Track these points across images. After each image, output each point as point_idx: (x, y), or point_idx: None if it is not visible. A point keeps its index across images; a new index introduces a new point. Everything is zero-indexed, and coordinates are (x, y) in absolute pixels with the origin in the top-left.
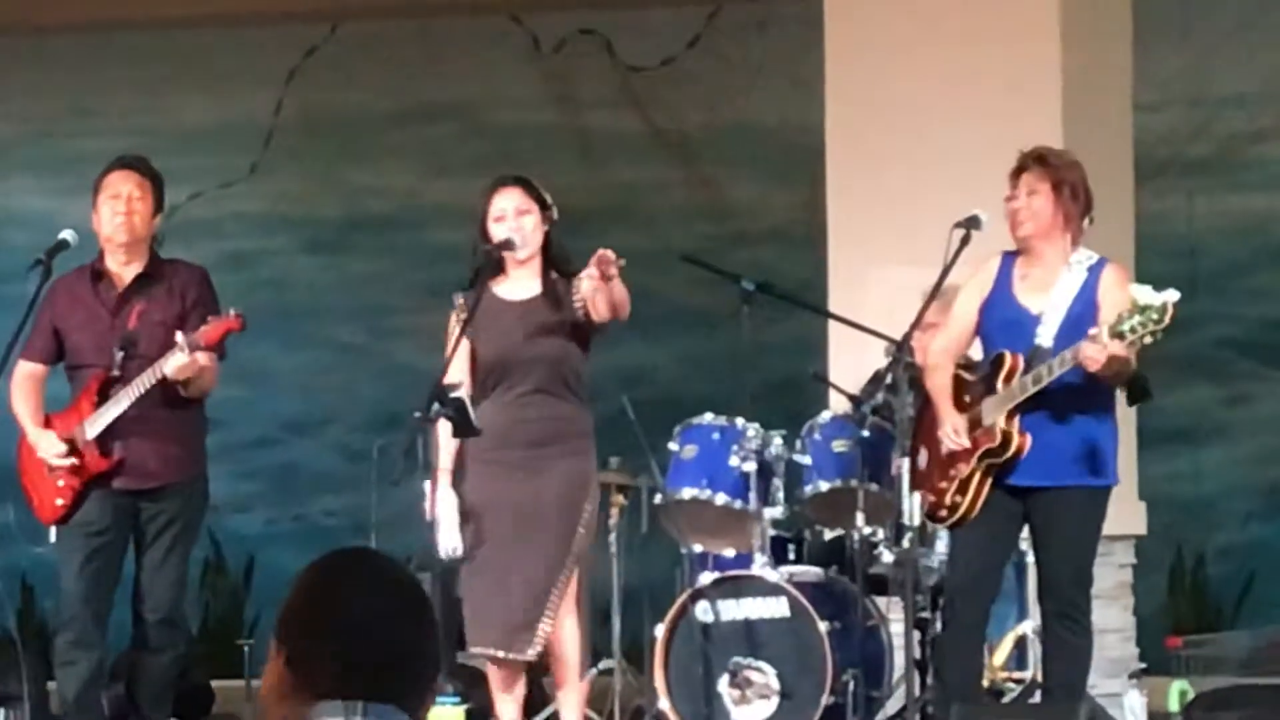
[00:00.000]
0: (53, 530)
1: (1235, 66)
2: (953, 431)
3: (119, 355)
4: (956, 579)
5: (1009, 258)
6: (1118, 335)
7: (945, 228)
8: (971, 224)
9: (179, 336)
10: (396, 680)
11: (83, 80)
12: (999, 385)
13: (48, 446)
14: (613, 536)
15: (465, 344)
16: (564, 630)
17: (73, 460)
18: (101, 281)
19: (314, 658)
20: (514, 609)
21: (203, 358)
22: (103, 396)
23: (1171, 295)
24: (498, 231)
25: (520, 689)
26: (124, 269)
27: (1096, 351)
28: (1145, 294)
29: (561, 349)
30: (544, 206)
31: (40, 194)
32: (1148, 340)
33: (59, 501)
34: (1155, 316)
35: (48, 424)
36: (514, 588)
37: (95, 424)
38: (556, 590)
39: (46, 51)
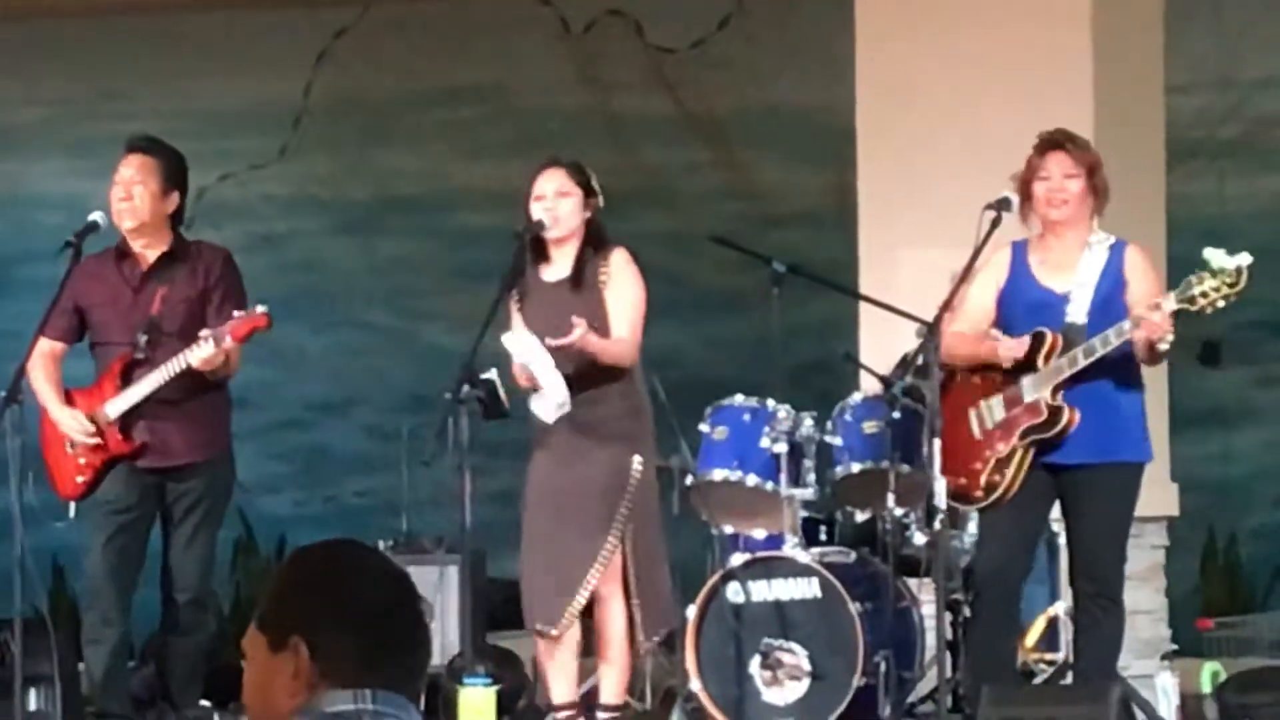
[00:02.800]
0: (72, 506)
1: (1267, 48)
2: (1010, 345)
3: (142, 339)
4: (986, 562)
5: (1019, 245)
6: (1188, 300)
7: (976, 209)
8: (1002, 206)
9: (204, 331)
10: (409, 667)
11: (111, 63)
12: (1039, 362)
13: (72, 423)
14: None
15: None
16: (609, 609)
17: (97, 439)
18: (125, 260)
19: (342, 649)
20: (551, 587)
21: (229, 344)
22: (125, 379)
23: (1245, 259)
24: (534, 211)
25: (571, 664)
26: (146, 250)
27: (1160, 318)
28: (1219, 257)
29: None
30: (589, 193)
31: (69, 177)
32: (1220, 304)
33: (79, 479)
34: (1230, 280)
35: (69, 401)
36: (553, 566)
37: (117, 406)
38: (594, 569)
39: (74, 34)
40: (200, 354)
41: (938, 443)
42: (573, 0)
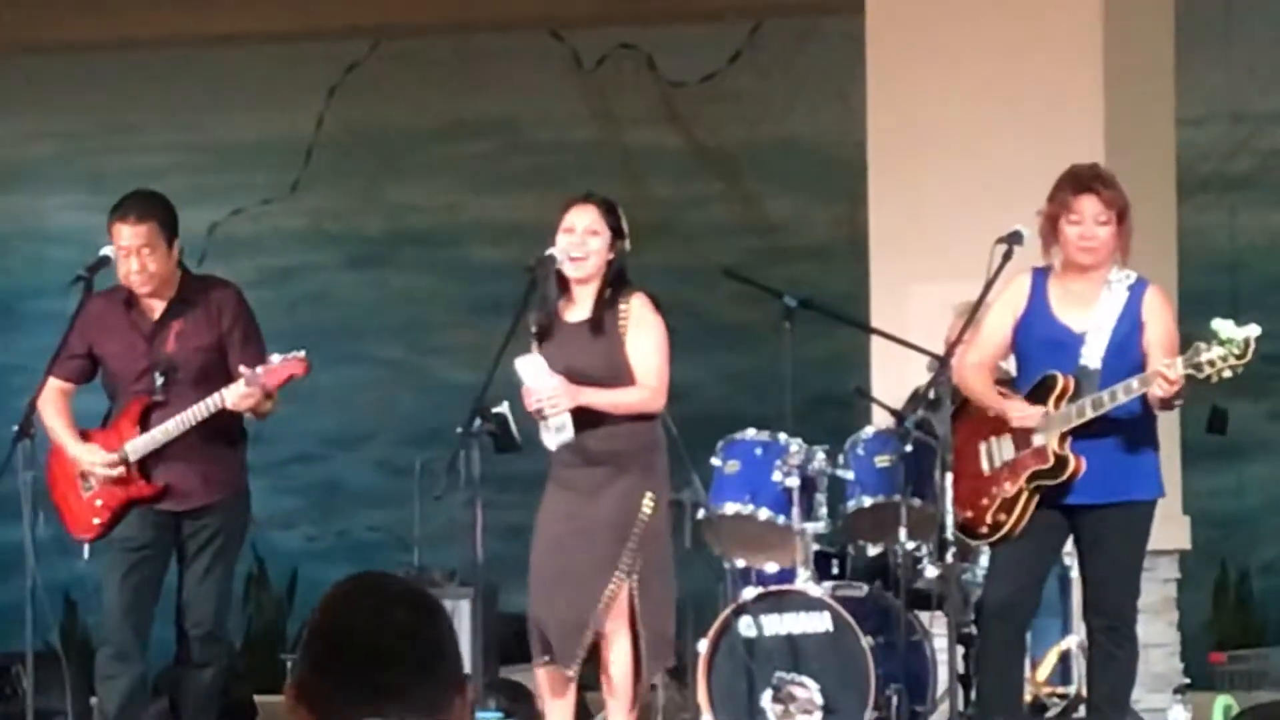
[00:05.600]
0: (86, 546)
1: (1277, 82)
2: (1022, 412)
3: (159, 381)
4: (994, 595)
5: (1040, 274)
6: (1194, 367)
7: (987, 243)
8: (1014, 239)
9: (243, 369)
10: (401, 686)
11: (123, 97)
12: (1050, 407)
13: (92, 457)
14: None
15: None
16: (615, 646)
17: (121, 470)
18: (134, 308)
19: (309, 682)
20: (560, 621)
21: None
22: (144, 421)
23: (1253, 330)
24: (559, 242)
25: (571, 699)
26: (154, 299)
27: (1169, 383)
28: (1227, 328)
29: (606, 371)
30: (618, 234)
31: (81, 211)
32: (1226, 374)
33: (96, 520)
34: (1237, 351)
35: (85, 439)
36: (561, 600)
37: (139, 448)
38: (601, 604)
39: (87, 69)
40: (237, 392)
41: (949, 477)
42: (585, 34)
